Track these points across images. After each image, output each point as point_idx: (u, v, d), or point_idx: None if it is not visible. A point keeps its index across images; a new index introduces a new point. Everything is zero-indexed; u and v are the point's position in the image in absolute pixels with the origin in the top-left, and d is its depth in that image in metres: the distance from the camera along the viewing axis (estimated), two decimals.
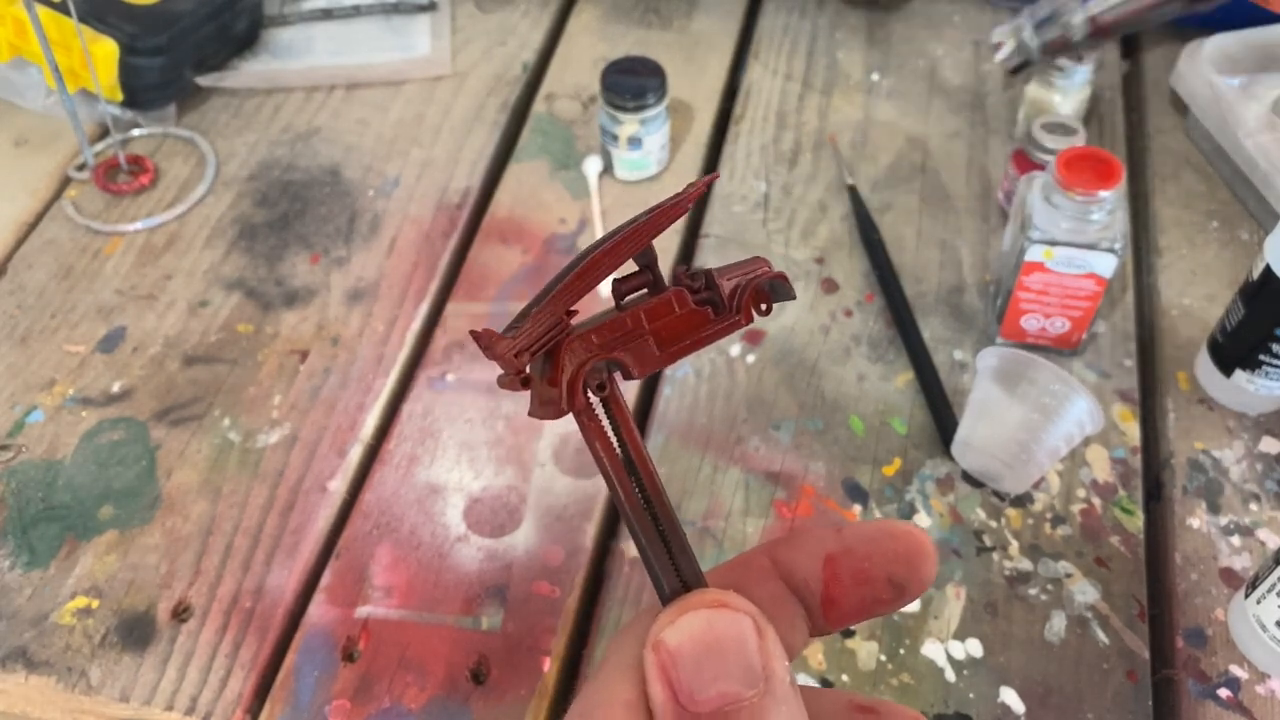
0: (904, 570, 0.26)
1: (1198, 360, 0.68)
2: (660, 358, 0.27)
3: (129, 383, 0.68)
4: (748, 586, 0.26)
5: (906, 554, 0.26)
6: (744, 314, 0.28)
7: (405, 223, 0.77)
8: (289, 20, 0.91)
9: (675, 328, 0.28)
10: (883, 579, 0.26)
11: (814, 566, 0.27)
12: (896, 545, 0.26)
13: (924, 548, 0.26)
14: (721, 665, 0.22)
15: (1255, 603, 0.55)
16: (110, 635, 0.57)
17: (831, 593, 0.26)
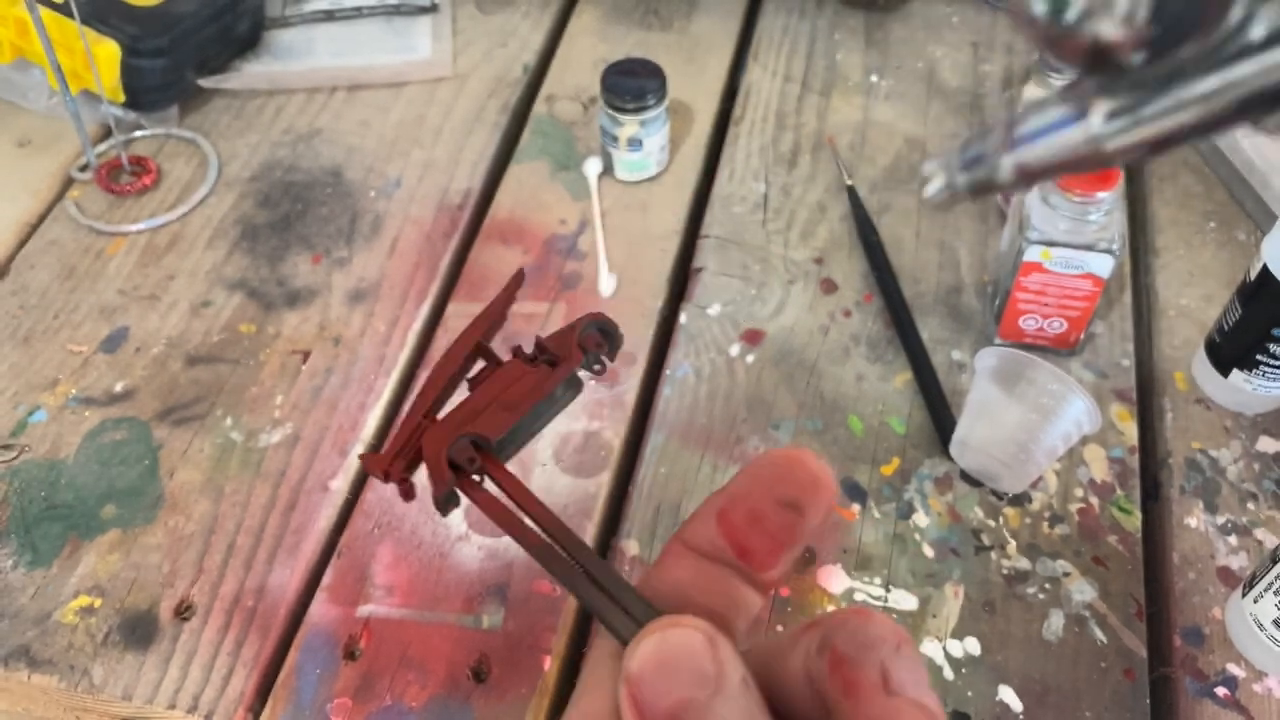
0: (790, 490, 0.26)
1: (1195, 360, 0.68)
2: (511, 417, 0.31)
3: (131, 383, 0.68)
4: (671, 574, 0.27)
5: (786, 475, 0.26)
6: (573, 355, 0.32)
7: (406, 223, 0.78)
8: (290, 22, 0.92)
9: (520, 390, 0.31)
10: (773, 507, 0.26)
11: (713, 528, 0.27)
12: (775, 470, 0.27)
13: (798, 460, 0.27)
14: (675, 677, 0.23)
15: (1253, 601, 0.55)
16: (113, 634, 0.57)
17: (737, 542, 0.27)
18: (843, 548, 0.60)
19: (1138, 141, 0.20)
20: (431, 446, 0.31)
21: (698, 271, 0.74)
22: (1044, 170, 0.21)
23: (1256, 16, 0.18)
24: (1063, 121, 0.20)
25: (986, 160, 0.22)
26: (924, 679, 0.24)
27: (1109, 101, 0.19)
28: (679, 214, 0.79)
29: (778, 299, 0.73)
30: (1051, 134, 0.20)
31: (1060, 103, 0.20)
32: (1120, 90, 0.19)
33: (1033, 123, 0.21)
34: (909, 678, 0.24)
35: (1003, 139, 0.21)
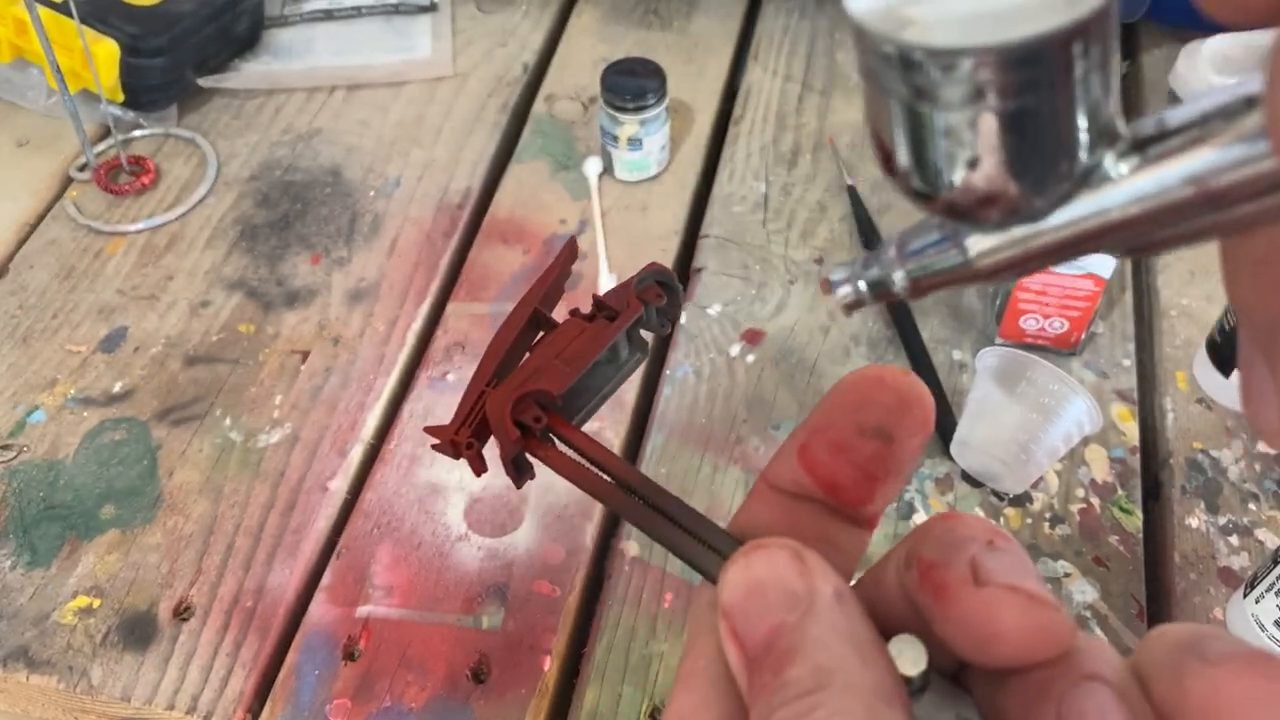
0: (874, 415, 0.24)
1: (1196, 360, 0.68)
2: (571, 371, 0.30)
3: (130, 383, 0.68)
4: (757, 517, 0.26)
5: (867, 398, 0.24)
6: (632, 305, 0.30)
7: (406, 223, 0.78)
8: (290, 21, 0.91)
9: (580, 345, 0.30)
10: (857, 436, 0.24)
11: (795, 465, 0.25)
12: (856, 395, 0.24)
13: (879, 379, 0.24)
14: (764, 601, 0.22)
15: (1254, 602, 0.55)
16: (112, 635, 0.57)
17: (823, 478, 0.25)
18: None
19: (1003, 266, 0.23)
20: (495, 410, 0.29)
21: (698, 271, 0.74)
22: (930, 284, 0.24)
23: (1100, 163, 0.21)
24: (941, 247, 0.23)
25: (883, 274, 0.25)
26: (1023, 566, 0.21)
27: (979, 235, 0.23)
28: (679, 214, 0.78)
29: (778, 299, 0.72)
30: (933, 257, 0.24)
31: (939, 229, 0.24)
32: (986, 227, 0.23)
33: (917, 244, 0.24)
34: (1001, 566, 0.21)
35: (895, 255, 0.24)
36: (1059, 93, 0.20)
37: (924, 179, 0.22)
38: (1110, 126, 0.21)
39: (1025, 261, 0.22)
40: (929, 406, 0.24)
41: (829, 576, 0.22)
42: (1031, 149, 0.21)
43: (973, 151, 0.21)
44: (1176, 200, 0.20)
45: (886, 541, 0.60)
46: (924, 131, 0.21)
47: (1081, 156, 0.21)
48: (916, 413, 0.24)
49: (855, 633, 0.21)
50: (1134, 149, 0.21)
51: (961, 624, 0.20)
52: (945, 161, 0.21)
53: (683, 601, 0.58)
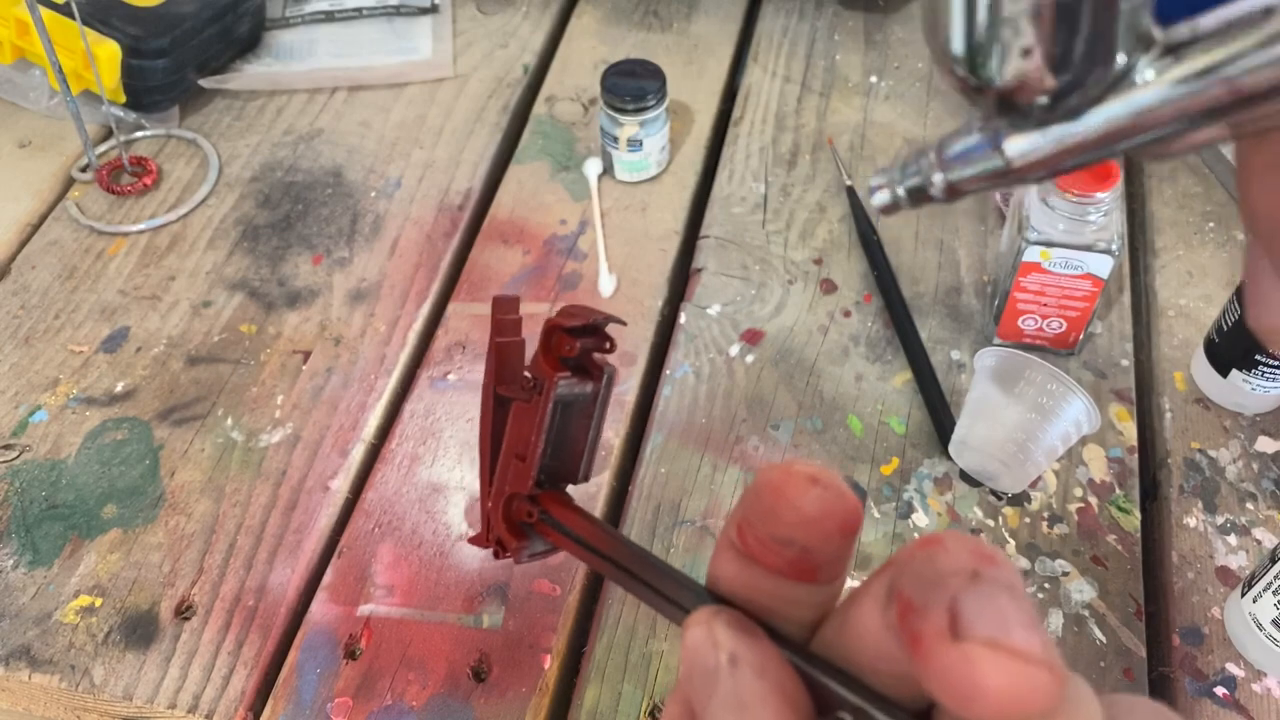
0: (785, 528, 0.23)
1: (1194, 360, 0.68)
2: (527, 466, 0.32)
3: (132, 382, 0.68)
4: (717, 571, 0.25)
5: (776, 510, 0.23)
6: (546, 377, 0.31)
7: (407, 224, 0.78)
8: (291, 23, 0.92)
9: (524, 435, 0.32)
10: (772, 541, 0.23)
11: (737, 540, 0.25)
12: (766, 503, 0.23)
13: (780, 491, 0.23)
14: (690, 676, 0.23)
15: (1251, 601, 0.55)
16: (113, 634, 0.58)
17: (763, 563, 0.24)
18: None
19: (1040, 166, 0.25)
20: (497, 525, 0.33)
21: (697, 271, 0.74)
22: (968, 186, 0.26)
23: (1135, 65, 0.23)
24: (981, 147, 0.25)
25: (921, 177, 0.26)
26: (1009, 609, 0.19)
27: (1016, 135, 0.25)
28: (679, 214, 0.79)
29: (777, 299, 0.73)
30: (972, 158, 0.25)
31: (979, 131, 0.25)
32: (1026, 125, 0.24)
33: (957, 147, 0.26)
34: (984, 613, 0.19)
35: (935, 159, 0.26)
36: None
37: (977, 69, 0.23)
38: (1147, 31, 0.23)
39: (1059, 159, 0.24)
40: (842, 516, 0.22)
41: (726, 645, 0.23)
42: (1079, 42, 0.22)
43: (1026, 41, 0.23)
44: (1206, 99, 0.22)
45: (885, 542, 0.61)
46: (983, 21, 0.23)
47: (1121, 55, 0.23)
48: (828, 524, 0.22)
49: (742, 697, 0.22)
50: (1167, 53, 0.23)
51: (939, 680, 0.19)
52: (1000, 51, 0.23)
53: None
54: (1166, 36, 0.23)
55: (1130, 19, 0.22)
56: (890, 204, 0.27)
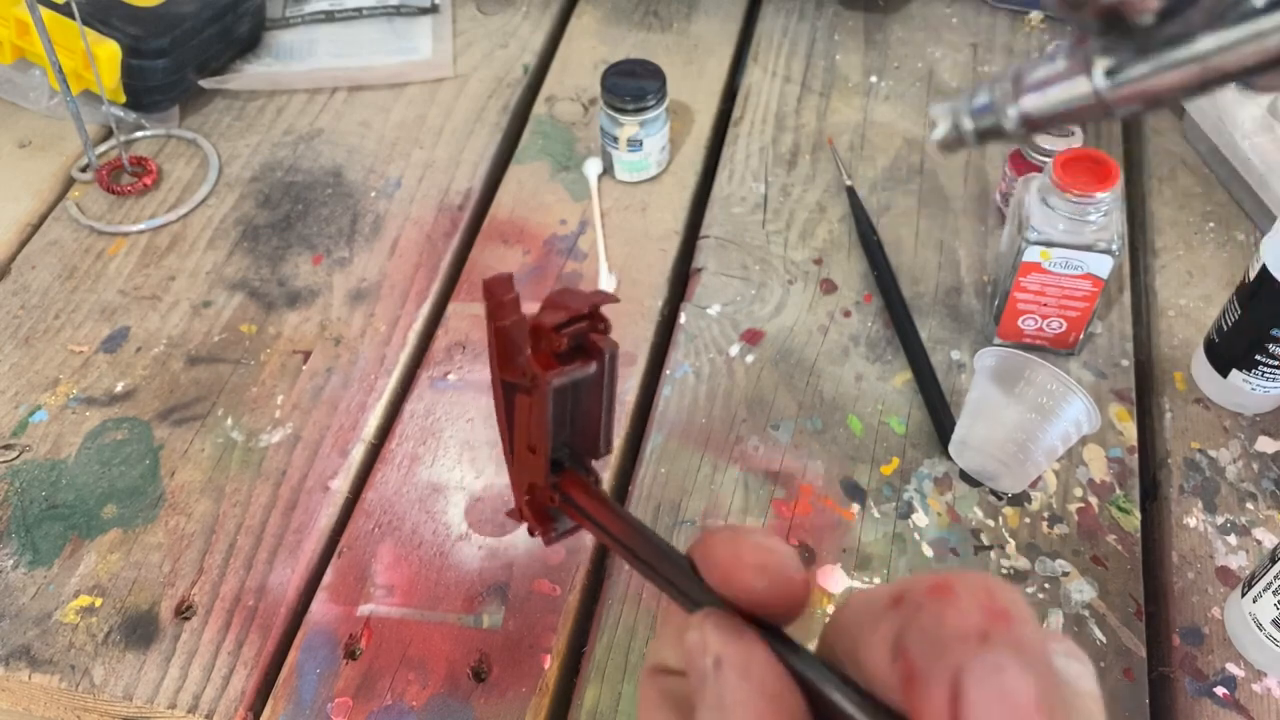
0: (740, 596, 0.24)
1: (1194, 360, 0.68)
2: (539, 458, 0.32)
3: (132, 382, 0.68)
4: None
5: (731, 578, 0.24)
6: (537, 374, 0.31)
7: (407, 224, 0.78)
8: (291, 23, 0.92)
9: (533, 426, 0.31)
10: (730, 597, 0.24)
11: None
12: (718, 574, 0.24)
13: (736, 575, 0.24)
14: (691, 674, 0.24)
15: (1252, 601, 0.55)
16: (114, 634, 0.58)
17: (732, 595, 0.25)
18: (842, 547, 0.60)
19: (1135, 94, 0.21)
20: (524, 512, 0.33)
21: (697, 271, 0.74)
22: (1048, 119, 0.23)
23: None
24: (1068, 74, 0.22)
25: (994, 108, 0.23)
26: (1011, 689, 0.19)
27: (1110, 59, 0.21)
28: (679, 214, 0.79)
29: (777, 299, 0.73)
30: (1057, 86, 0.22)
31: (1067, 58, 0.22)
32: (1123, 49, 0.21)
33: (1039, 74, 0.22)
34: (989, 690, 0.19)
35: (1010, 89, 0.23)
36: None
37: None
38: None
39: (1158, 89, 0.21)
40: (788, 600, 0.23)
41: (712, 648, 0.23)
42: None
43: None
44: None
45: (885, 542, 0.61)
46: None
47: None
48: (775, 606, 0.23)
49: (723, 698, 0.22)
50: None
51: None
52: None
53: None
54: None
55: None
56: (953, 137, 0.24)
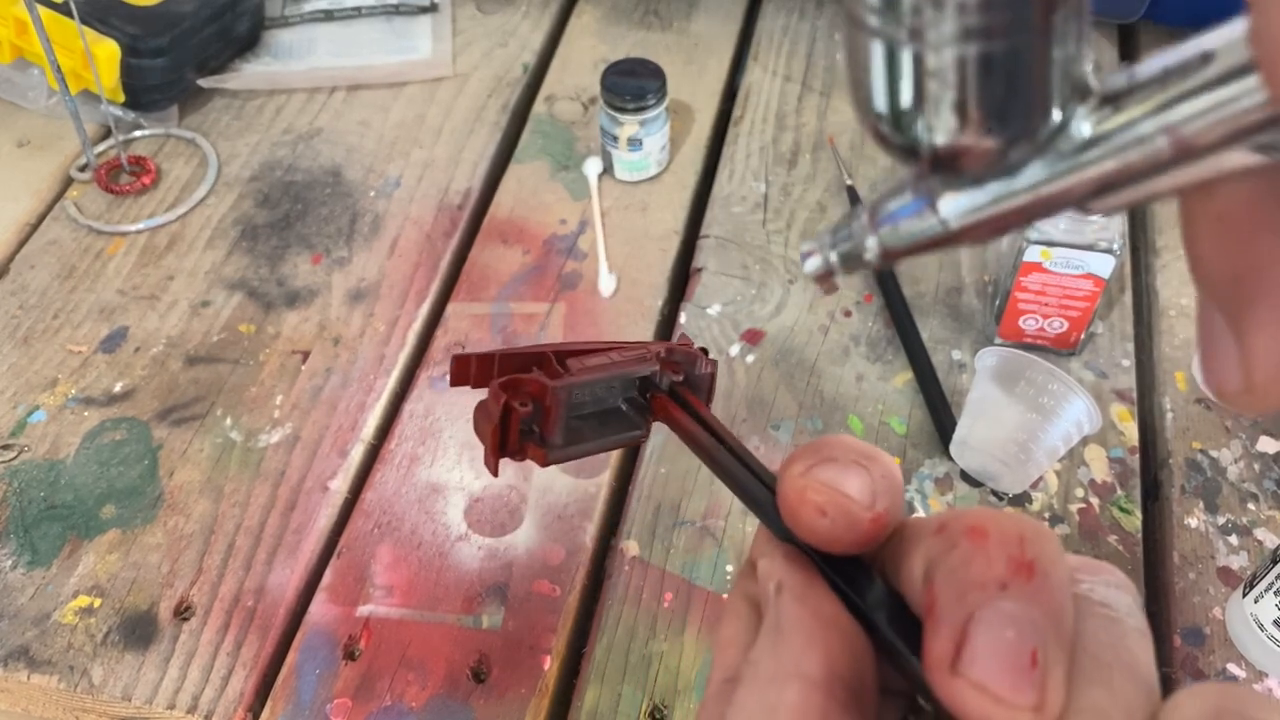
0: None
1: (1195, 360, 0.68)
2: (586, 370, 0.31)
3: (131, 382, 0.68)
4: None
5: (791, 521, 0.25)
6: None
7: (406, 223, 0.78)
8: (290, 22, 0.92)
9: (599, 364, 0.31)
10: None
11: None
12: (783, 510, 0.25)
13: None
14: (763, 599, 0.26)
15: (1253, 602, 0.55)
16: (112, 634, 0.57)
17: None
18: None
19: (982, 224, 0.23)
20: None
21: (698, 271, 0.74)
22: (904, 250, 0.24)
23: (1073, 118, 0.21)
24: (915, 209, 0.23)
25: (854, 240, 0.25)
26: (1015, 645, 0.20)
27: (952, 193, 0.23)
28: (679, 214, 0.79)
29: (778, 299, 0.72)
30: (906, 221, 0.24)
31: (912, 191, 0.23)
32: (962, 184, 0.23)
33: (890, 208, 0.24)
34: (988, 648, 0.20)
35: (867, 222, 0.24)
36: (1038, 35, 0.20)
37: (905, 126, 0.22)
38: (1083, 80, 0.21)
39: (1000, 220, 0.23)
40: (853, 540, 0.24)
41: (775, 574, 0.24)
42: (1011, 94, 0.21)
43: (955, 95, 0.21)
44: (1148, 151, 0.21)
45: None
46: (909, 73, 0.21)
47: (1056, 107, 0.21)
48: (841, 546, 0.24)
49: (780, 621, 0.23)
50: (1105, 103, 0.21)
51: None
52: (928, 107, 0.21)
53: (682, 601, 0.58)
54: (1104, 86, 0.21)
55: (1065, 68, 0.21)
56: (823, 270, 0.25)
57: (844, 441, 0.24)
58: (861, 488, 0.23)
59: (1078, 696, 0.20)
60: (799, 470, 0.24)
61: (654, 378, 0.31)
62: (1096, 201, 0.22)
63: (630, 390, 0.32)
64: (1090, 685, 0.20)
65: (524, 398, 0.29)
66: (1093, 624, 0.21)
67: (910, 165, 0.23)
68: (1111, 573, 0.23)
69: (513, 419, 0.28)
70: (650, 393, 0.31)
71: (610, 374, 0.30)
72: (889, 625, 0.23)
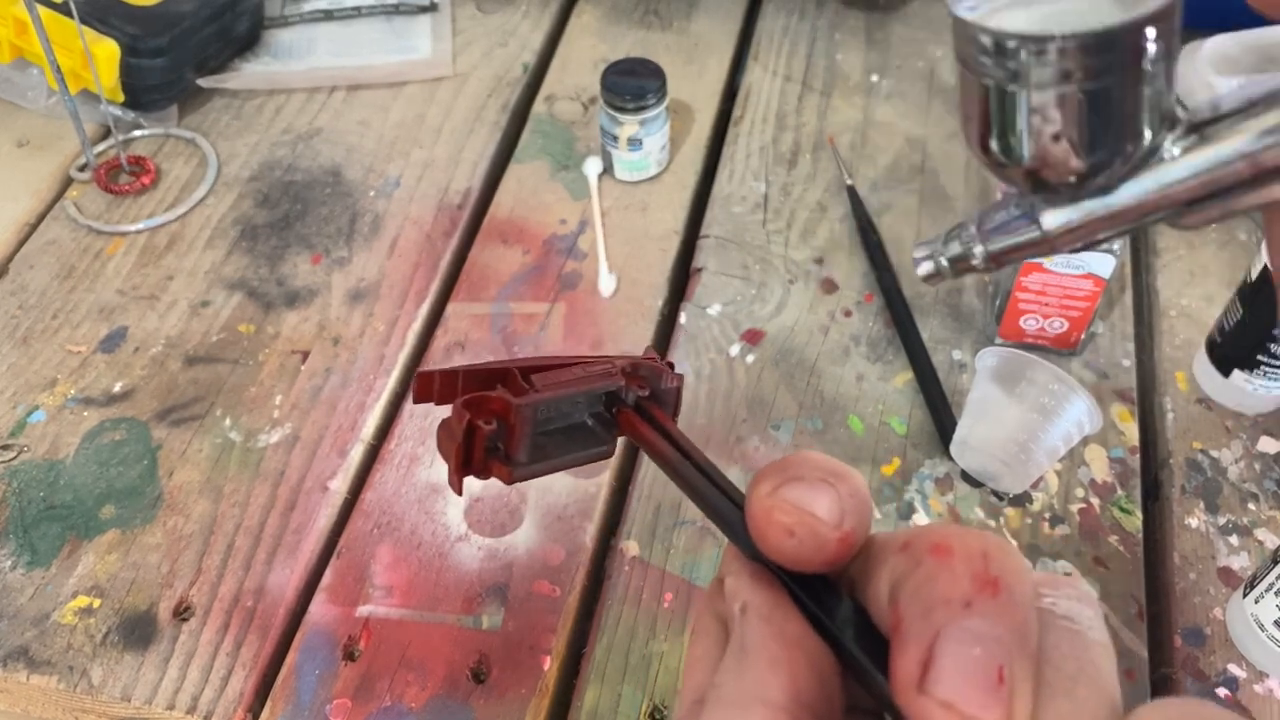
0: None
1: (1196, 360, 0.68)
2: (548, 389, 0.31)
3: (130, 383, 0.68)
4: None
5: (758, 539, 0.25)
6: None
7: (406, 223, 0.78)
8: (290, 21, 0.92)
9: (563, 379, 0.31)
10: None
11: None
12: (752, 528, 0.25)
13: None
14: (729, 618, 0.26)
15: (1253, 602, 0.55)
16: (112, 634, 0.57)
17: None
18: None
19: (1076, 237, 0.26)
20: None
21: (698, 271, 0.74)
22: (1009, 256, 0.27)
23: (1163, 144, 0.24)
24: (1019, 221, 0.27)
25: (964, 247, 0.28)
26: (981, 662, 0.20)
27: (1051, 209, 0.26)
28: (679, 214, 0.78)
29: (778, 299, 0.72)
30: (1011, 231, 0.27)
31: (1016, 206, 0.27)
32: (1060, 201, 0.26)
33: (997, 220, 0.27)
34: (953, 666, 0.20)
35: (976, 232, 0.28)
36: (1130, 76, 0.23)
37: (1011, 154, 0.25)
38: (1171, 111, 0.24)
39: (1094, 231, 0.26)
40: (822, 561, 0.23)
41: (740, 594, 0.24)
42: (1105, 127, 0.24)
43: (1055, 128, 0.24)
44: (1229, 174, 0.23)
45: None
46: (1014, 110, 0.24)
47: (1147, 136, 0.24)
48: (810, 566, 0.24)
49: (745, 641, 0.23)
50: (1191, 130, 0.24)
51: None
52: (1031, 138, 0.24)
53: (683, 601, 0.58)
54: (1190, 115, 0.24)
55: (1154, 100, 0.23)
56: (934, 273, 0.28)
57: (811, 459, 0.24)
58: (829, 507, 0.23)
59: (1043, 708, 0.20)
60: (766, 490, 0.24)
61: (620, 393, 0.31)
62: (1183, 218, 0.25)
63: (596, 405, 0.31)
64: (1055, 697, 0.20)
65: (488, 415, 0.28)
66: (1055, 636, 0.21)
67: (1015, 185, 0.26)
68: (1073, 586, 0.23)
69: (477, 437, 0.28)
70: (616, 408, 0.31)
71: (575, 390, 0.30)
72: (856, 644, 0.23)
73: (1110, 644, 0.22)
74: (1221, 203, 0.24)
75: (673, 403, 0.32)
